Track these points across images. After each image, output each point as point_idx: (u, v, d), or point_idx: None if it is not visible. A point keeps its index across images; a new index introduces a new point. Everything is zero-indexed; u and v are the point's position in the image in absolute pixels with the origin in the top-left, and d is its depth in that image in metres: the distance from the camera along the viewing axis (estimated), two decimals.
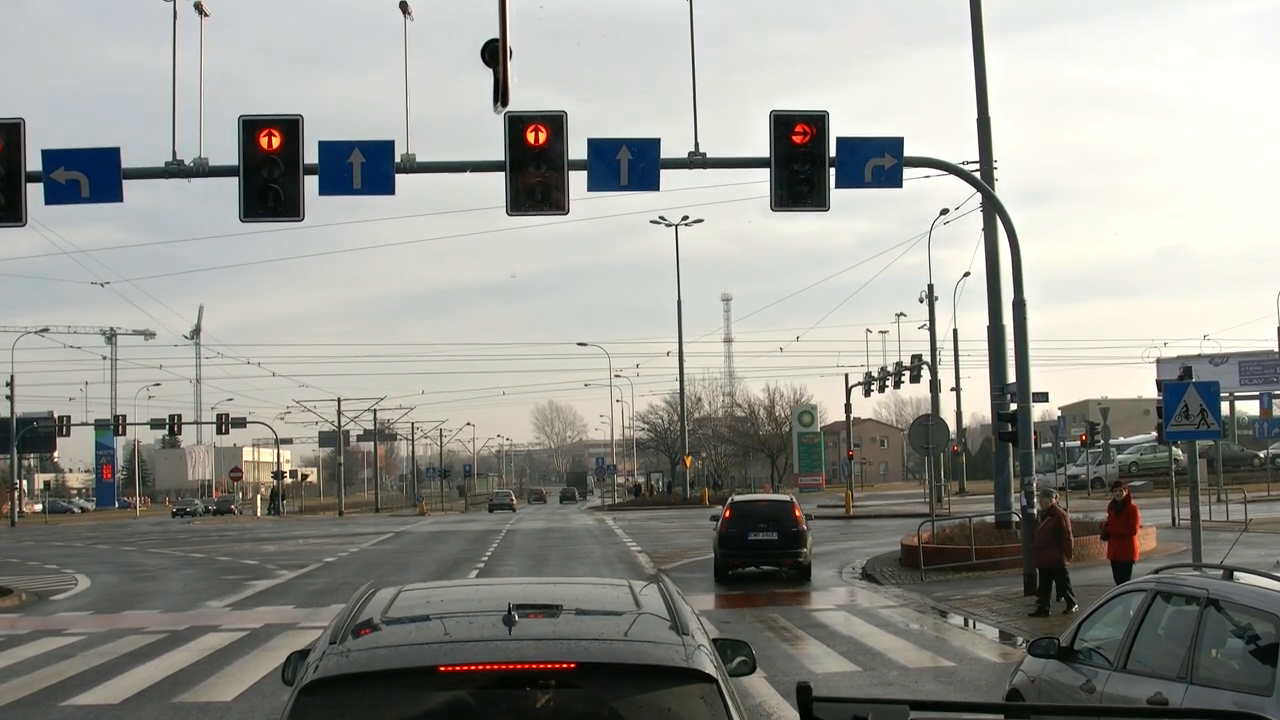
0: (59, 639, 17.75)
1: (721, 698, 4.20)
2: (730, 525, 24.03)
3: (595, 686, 4.22)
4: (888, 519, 44.66)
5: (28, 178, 18.63)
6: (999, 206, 23.06)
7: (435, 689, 4.18)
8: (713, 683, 4.23)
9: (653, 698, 4.23)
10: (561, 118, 19.02)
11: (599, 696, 4.21)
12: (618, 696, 4.20)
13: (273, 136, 18.62)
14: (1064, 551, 17.32)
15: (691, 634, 4.49)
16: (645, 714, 4.20)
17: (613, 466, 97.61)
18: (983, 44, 26.81)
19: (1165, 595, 7.25)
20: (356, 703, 4.15)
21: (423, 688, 4.18)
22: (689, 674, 4.24)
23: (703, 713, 4.15)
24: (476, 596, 5.55)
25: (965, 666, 13.87)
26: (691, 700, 4.19)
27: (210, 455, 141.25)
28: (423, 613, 4.99)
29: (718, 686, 4.22)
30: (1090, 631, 7.82)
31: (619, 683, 4.23)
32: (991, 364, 26.38)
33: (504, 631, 4.41)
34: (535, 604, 4.90)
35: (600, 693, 4.21)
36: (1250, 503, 33.29)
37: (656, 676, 4.28)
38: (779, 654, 14.97)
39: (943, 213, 44.09)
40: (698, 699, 4.19)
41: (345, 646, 4.38)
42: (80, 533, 57.53)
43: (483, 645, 4.35)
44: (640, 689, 4.24)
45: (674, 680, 4.25)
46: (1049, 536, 17.46)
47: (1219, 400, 15.12)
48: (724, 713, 4.14)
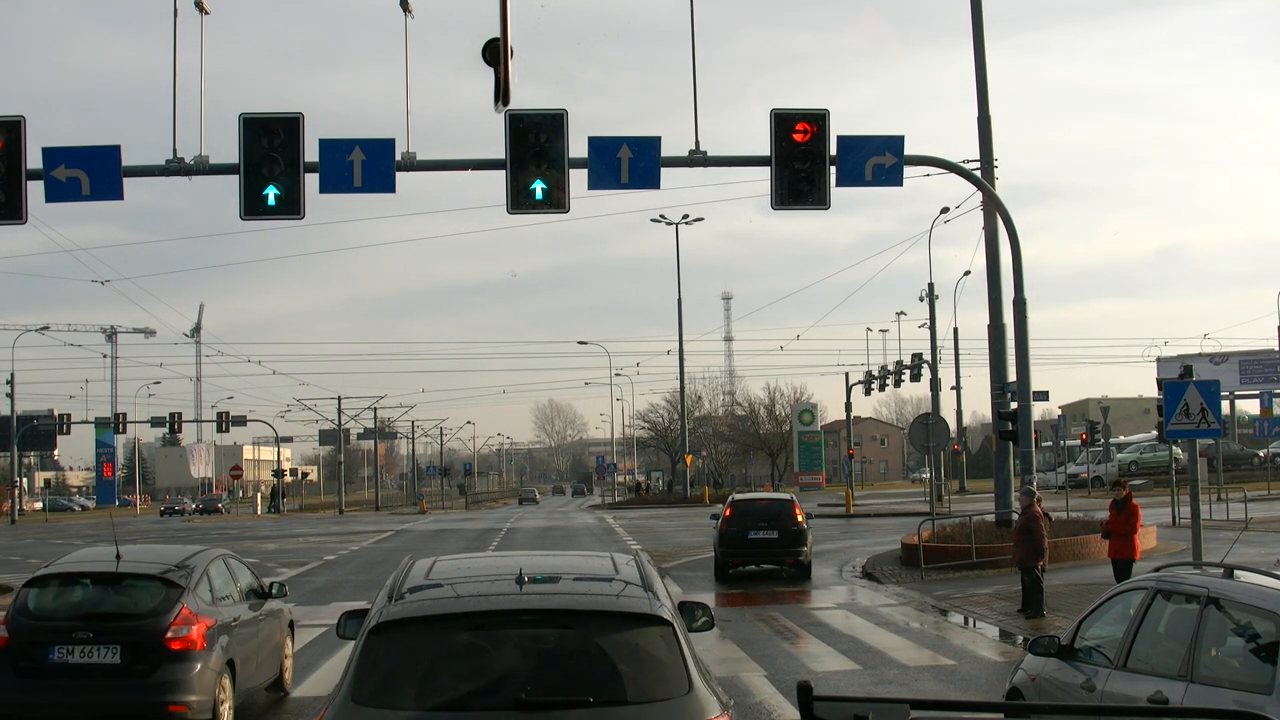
0: None
1: (676, 638, 5.62)
2: (730, 524, 24.02)
3: (583, 628, 5.73)
4: (888, 518, 44.66)
5: (28, 175, 18.67)
6: (999, 205, 23.08)
7: (466, 630, 5.74)
8: (669, 626, 5.68)
9: (625, 636, 5.69)
10: (562, 116, 19.03)
11: (586, 635, 5.70)
12: (600, 635, 5.68)
13: (274, 135, 18.66)
14: (1031, 553, 17.17)
15: (655, 592, 5.96)
16: (620, 649, 5.62)
17: (613, 465, 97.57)
18: (983, 43, 26.82)
19: (1165, 594, 7.25)
20: (410, 639, 5.69)
21: (458, 629, 5.76)
22: (651, 619, 5.72)
23: (662, 648, 5.60)
24: (494, 564, 7.52)
25: (966, 665, 13.88)
26: (654, 639, 5.65)
27: (211, 453, 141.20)
28: (455, 575, 6.65)
29: (673, 629, 5.66)
30: (1090, 630, 7.82)
31: (600, 625, 5.74)
32: (992, 363, 26.39)
33: (516, 589, 6.02)
34: (539, 569, 6.56)
35: (588, 633, 5.71)
36: (1250, 501, 33.32)
37: (627, 621, 5.77)
38: (779, 652, 14.97)
39: (943, 211, 44.15)
40: (658, 638, 5.64)
41: (401, 599, 5.95)
42: (80, 530, 57.50)
43: (501, 598, 5.98)
44: (616, 630, 5.72)
45: (640, 624, 5.73)
46: (1017, 536, 17.49)
47: (1219, 399, 15.11)
48: (679, 650, 5.58)
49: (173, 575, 10.82)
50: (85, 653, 10.12)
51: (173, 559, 11.43)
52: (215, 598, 11.21)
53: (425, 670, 5.63)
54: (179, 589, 10.65)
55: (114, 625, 10.37)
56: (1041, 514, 17.82)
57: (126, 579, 10.90)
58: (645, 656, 5.63)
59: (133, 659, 10.15)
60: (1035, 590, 17.08)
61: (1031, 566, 17.12)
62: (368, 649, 5.63)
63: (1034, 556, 17.10)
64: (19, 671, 10.08)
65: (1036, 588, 17.09)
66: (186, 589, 10.69)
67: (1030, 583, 17.17)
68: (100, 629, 10.27)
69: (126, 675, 10.11)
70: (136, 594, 10.75)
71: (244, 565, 12.83)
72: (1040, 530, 17.38)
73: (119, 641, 10.18)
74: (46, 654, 10.08)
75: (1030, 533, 17.21)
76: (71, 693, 10.05)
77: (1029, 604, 17.25)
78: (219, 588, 11.45)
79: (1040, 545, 17.26)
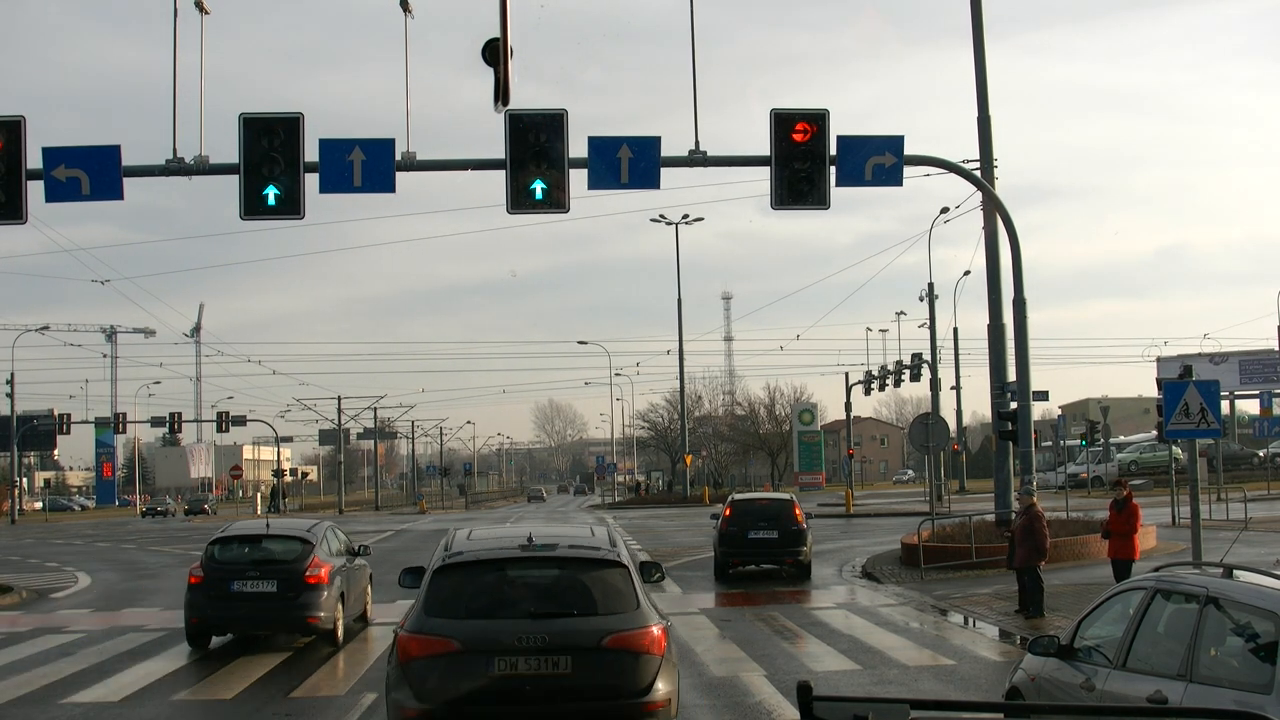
0: (60, 636, 17.75)
1: (630, 576, 9.15)
2: (730, 524, 24.02)
3: (569, 569, 9.32)
4: (887, 517, 44.64)
5: (28, 175, 18.64)
6: (999, 205, 23.08)
7: (494, 571, 9.29)
8: (625, 568, 9.21)
9: (596, 574, 9.20)
10: (562, 116, 19.02)
11: (572, 574, 9.29)
12: (580, 573, 9.26)
13: (274, 135, 18.64)
14: (1033, 552, 17.16)
15: (617, 547, 9.54)
16: (593, 581, 9.16)
17: (613, 465, 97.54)
18: (983, 43, 26.79)
19: (1165, 593, 7.25)
20: (459, 575, 9.16)
21: (489, 569, 9.29)
22: (613, 563, 9.24)
23: (620, 581, 9.12)
24: (511, 532, 11.00)
25: (966, 665, 13.88)
26: (615, 576, 9.16)
27: (211, 453, 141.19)
28: (484, 539, 9.98)
29: (628, 570, 9.20)
30: (1090, 630, 7.82)
31: (581, 567, 9.29)
32: (992, 362, 26.37)
33: (526, 543, 9.48)
34: (541, 535, 9.73)
35: (573, 572, 9.29)
36: (1250, 501, 33.30)
37: (597, 565, 9.26)
38: (779, 652, 14.98)
39: (943, 211, 44.12)
40: (618, 575, 9.17)
41: (451, 551, 9.42)
42: (80, 530, 57.51)
43: (517, 550, 9.46)
44: (590, 570, 9.25)
45: (606, 566, 9.23)
46: (1019, 535, 17.49)
47: (1219, 399, 15.09)
48: (631, 583, 9.09)
49: (307, 535, 16.23)
50: (254, 585, 15.48)
51: (304, 527, 16.91)
52: (331, 552, 16.44)
53: (469, 595, 9.15)
54: (310, 545, 15.95)
55: (271, 567, 15.67)
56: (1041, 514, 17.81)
57: (278, 538, 16.31)
58: (609, 586, 9.15)
59: (284, 588, 15.39)
60: (1036, 590, 17.08)
61: (1033, 566, 17.11)
62: (433, 582, 9.16)
63: (1036, 556, 17.10)
64: (210, 597, 15.50)
65: (1037, 588, 17.08)
66: (315, 544, 16.01)
67: (1031, 583, 17.17)
68: (263, 569, 15.64)
69: (281, 599, 15.38)
70: (285, 547, 16.03)
71: (342, 533, 17.76)
72: (1043, 530, 17.38)
73: (275, 577, 15.50)
74: (229, 585, 15.46)
75: (1032, 532, 17.21)
76: (245, 609, 15.50)
77: (1029, 604, 17.25)
78: (332, 547, 16.69)
79: (1043, 545, 17.25)
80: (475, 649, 8.64)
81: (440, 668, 8.65)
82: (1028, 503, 17.74)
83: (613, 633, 8.74)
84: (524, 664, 8.60)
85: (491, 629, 8.78)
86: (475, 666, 8.61)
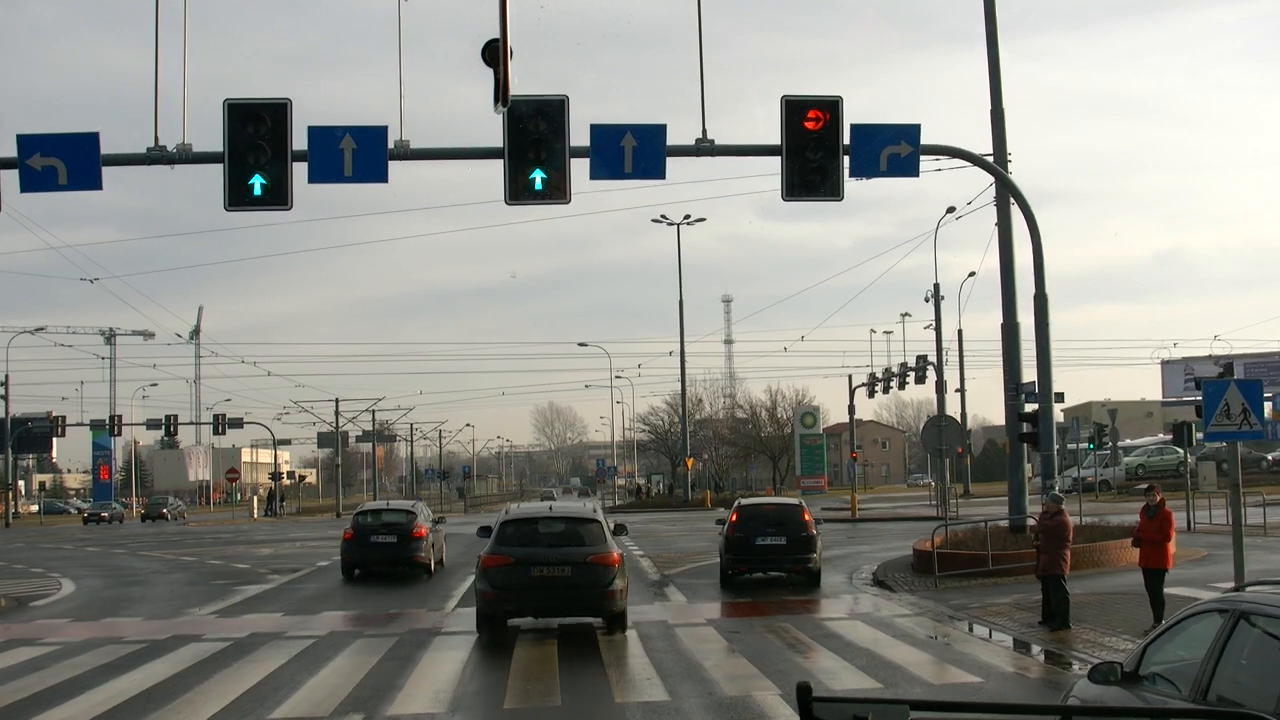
0: (32, 649, 16.84)
1: (603, 528, 17.14)
2: (737, 529, 23.17)
3: (571, 523, 17.35)
4: (894, 522, 43.80)
5: (3, 164, 17.82)
6: (1018, 194, 22.25)
7: (531, 523, 17.41)
8: (600, 523, 17.29)
9: (584, 525, 17.19)
10: (563, 102, 18.19)
11: (573, 525, 17.26)
12: (577, 526, 17.23)
13: (260, 121, 17.77)
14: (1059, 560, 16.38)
15: (599, 513, 18.06)
16: (584, 529, 17.08)
17: (613, 468, 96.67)
18: (996, 36, 26.08)
19: (1248, 617, 6.34)
20: (513, 525, 17.18)
21: (528, 523, 17.43)
22: (593, 520, 17.37)
23: (597, 529, 17.05)
24: (540, 505, 23.29)
25: (993, 682, 12.99)
26: (594, 527, 17.09)
27: (208, 456, 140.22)
28: (526, 508, 20.24)
29: (601, 524, 17.27)
30: (1159, 655, 6.93)
31: (578, 522, 17.39)
32: (1006, 362, 25.54)
33: (548, 510, 18.49)
34: (558, 508, 19.46)
35: (574, 525, 17.29)
36: (1266, 505, 32.49)
37: (587, 521, 17.36)
38: (792, 667, 14.09)
39: (949, 210, 43.19)
40: (596, 527, 17.13)
41: (509, 515, 17.65)
42: (72, 534, 56.65)
43: (543, 513, 18.10)
44: (583, 524, 17.24)
45: (589, 522, 17.30)
46: (1045, 542, 16.69)
47: (1262, 399, 14.19)
48: (604, 531, 17.07)
49: (412, 509, 27.53)
50: (383, 537, 26.27)
51: (410, 504, 28.43)
52: (426, 519, 27.33)
53: (518, 536, 16.87)
54: (414, 514, 27.00)
55: (393, 527, 26.38)
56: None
57: (395, 510, 27.23)
58: (591, 532, 16.89)
59: (401, 540, 26.18)
60: (1062, 601, 16.22)
61: (1059, 575, 16.26)
62: (500, 529, 16.93)
63: (1061, 564, 16.25)
64: (357, 545, 26.48)
65: (1063, 599, 16.23)
66: (418, 514, 27.21)
67: (1056, 594, 16.32)
68: (388, 529, 26.35)
69: (399, 546, 26.19)
70: (399, 516, 26.77)
71: (428, 507, 30.00)
72: (1069, 537, 16.53)
73: (395, 533, 26.24)
74: (368, 539, 26.37)
75: (1060, 538, 16.35)
76: (377, 553, 26.38)
77: (1053, 615, 16.40)
78: (426, 516, 27.88)
79: (1065, 555, 16.44)
80: (521, 562, 16.31)
81: (503, 572, 16.35)
82: (1054, 508, 16.88)
83: (592, 553, 16.43)
84: (547, 571, 16.29)
85: (530, 553, 16.45)
86: (522, 571, 16.27)
